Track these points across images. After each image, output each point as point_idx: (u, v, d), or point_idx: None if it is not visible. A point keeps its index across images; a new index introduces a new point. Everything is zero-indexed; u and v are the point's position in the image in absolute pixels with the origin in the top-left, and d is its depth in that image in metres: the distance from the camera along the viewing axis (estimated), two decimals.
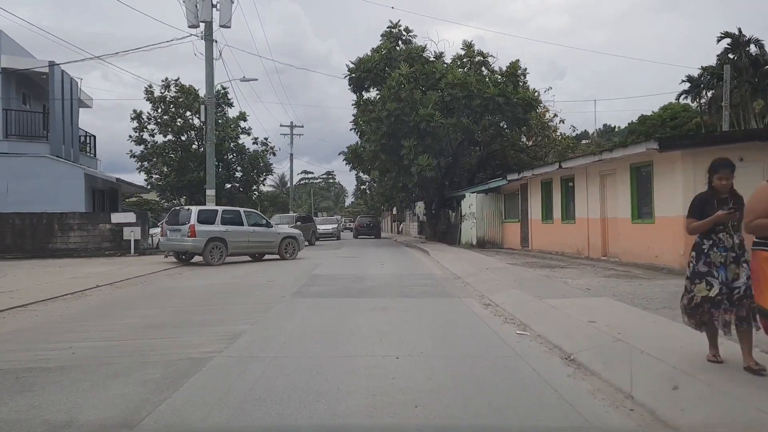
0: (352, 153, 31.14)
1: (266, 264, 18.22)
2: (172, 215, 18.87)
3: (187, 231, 17.31)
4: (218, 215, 18.36)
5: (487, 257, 17.83)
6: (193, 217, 17.61)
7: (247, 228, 18.82)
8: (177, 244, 17.92)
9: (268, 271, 15.89)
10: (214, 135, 24.36)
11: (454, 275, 13.80)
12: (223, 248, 17.88)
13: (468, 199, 24.89)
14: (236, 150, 46.66)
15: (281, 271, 15.41)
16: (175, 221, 18.03)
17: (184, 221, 17.60)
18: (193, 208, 18.49)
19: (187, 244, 17.52)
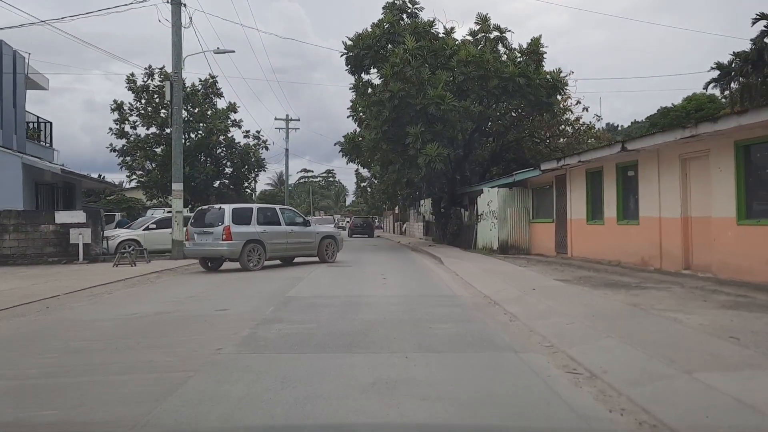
0: (349, 143, 26.88)
1: (236, 277, 14.01)
2: (199, 216, 16.43)
3: (222, 233, 15.12)
4: (254, 214, 16.22)
5: (521, 268, 13.63)
6: (227, 217, 15.40)
7: (285, 228, 16.65)
8: (209, 249, 15.63)
9: (231, 287, 11.73)
10: (181, 117, 20.16)
11: (488, 298, 9.60)
12: (261, 251, 15.76)
13: (486, 195, 20.69)
14: (226, 144, 42.61)
15: (247, 290, 11.23)
16: (204, 223, 15.81)
17: (216, 222, 15.43)
18: (226, 207, 16.09)
19: (222, 248, 15.31)
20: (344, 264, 17.20)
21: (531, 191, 19.23)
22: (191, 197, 41.82)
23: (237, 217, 15.66)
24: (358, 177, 54.89)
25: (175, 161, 19.67)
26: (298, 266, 16.73)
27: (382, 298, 9.80)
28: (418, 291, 10.91)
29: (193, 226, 16.14)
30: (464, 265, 15.23)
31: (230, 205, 16.82)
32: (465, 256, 18.18)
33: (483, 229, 21.20)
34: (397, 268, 16.02)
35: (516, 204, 19.29)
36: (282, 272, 14.99)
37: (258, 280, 13.05)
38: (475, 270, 13.76)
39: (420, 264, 17.50)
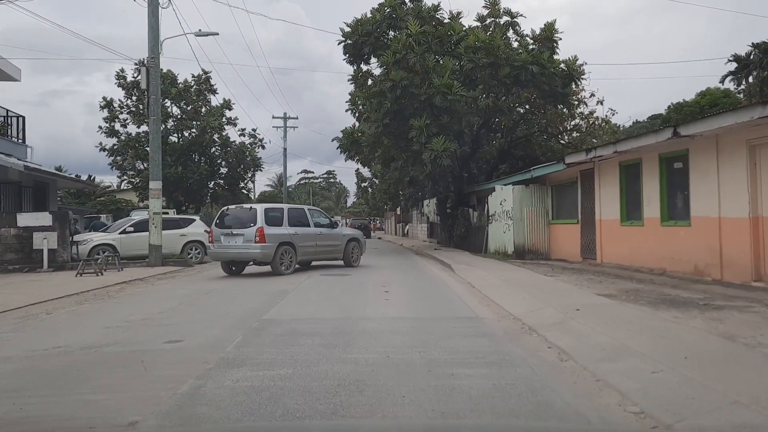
0: (348, 138, 24.66)
1: (213, 288, 11.84)
2: (225, 216, 15.15)
3: (254, 235, 14.09)
4: (285, 214, 15.20)
5: (547, 278, 11.45)
6: (259, 217, 14.38)
7: (314, 229, 15.78)
8: (238, 252, 14.52)
9: (201, 304, 9.58)
10: (159, 108, 18.01)
11: (519, 321, 7.45)
12: (293, 254, 14.79)
13: (499, 194, 18.52)
14: (220, 142, 40.56)
15: (219, 309, 9.06)
16: (231, 224, 14.67)
17: (248, 223, 14.39)
18: (258, 207, 15.12)
19: (254, 251, 14.26)
20: (340, 272, 15.01)
21: (550, 189, 17.05)
22: (185, 198, 39.79)
23: (269, 218, 14.62)
24: (359, 177, 52.82)
25: (152, 157, 17.53)
26: (288, 274, 14.57)
27: (383, 321, 7.62)
28: (429, 310, 8.73)
29: (218, 227, 14.86)
30: (478, 273, 13.06)
31: (261, 204, 15.96)
32: (477, 262, 16.00)
33: (495, 232, 19.03)
34: (400, 276, 13.85)
35: (533, 203, 17.11)
36: (267, 283, 12.82)
37: (237, 294, 10.89)
38: (493, 280, 11.59)
39: (427, 271, 15.32)
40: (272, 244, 14.25)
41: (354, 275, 14.08)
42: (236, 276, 14.84)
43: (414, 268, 16.60)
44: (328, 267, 16.46)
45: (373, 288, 11.31)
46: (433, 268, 16.08)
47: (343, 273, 14.62)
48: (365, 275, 14.05)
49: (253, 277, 14.19)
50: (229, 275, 14.89)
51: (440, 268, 16.13)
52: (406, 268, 16.50)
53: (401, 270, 15.66)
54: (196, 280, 14.07)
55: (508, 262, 16.00)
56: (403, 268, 16.45)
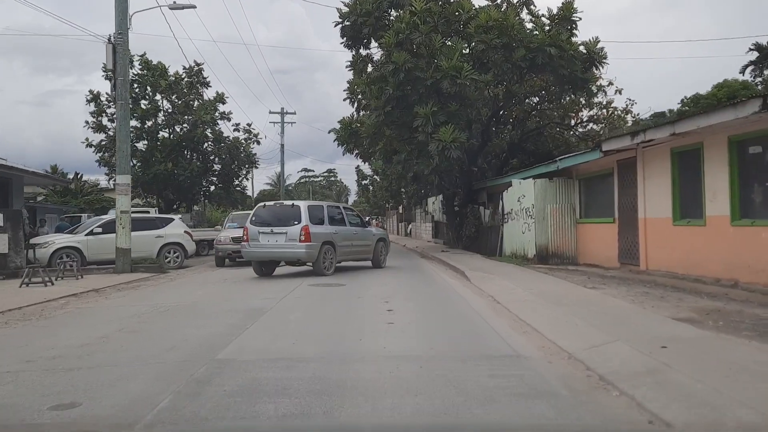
0: (346, 129, 22.31)
1: (171, 306, 9.49)
2: (263, 213, 14.30)
3: (299, 234, 13.32)
4: (325, 212, 14.51)
5: (590, 291, 9.12)
6: (303, 215, 13.64)
7: (350, 228, 15.14)
8: (280, 251, 13.70)
9: (144, 330, 7.24)
10: (128, 92, 15.68)
11: (581, 366, 5.11)
12: (334, 255, 14.09)
13: (517, 189, 16.18)
14: (213, 138, 38.25)
15: (163, 339, 6.65)
16: (271, 221, 13.82)
17: (291, 221, 13.61)
18: (301, 204, 14.28)
19: (299, 251, 13.43)
20: (334, 281, 12.68)
21: (578, 183, 14.69)
22: (176, 196, 37.49)
23: (312, 215, 13.87)
24: (359, 174, 50.50)
25: (119, 147, 15.20)
26: (267, 286, 12.25)
27: (385, 363, 5.27)
28: (449, 342, 6.36)
29: (254, 225, 13.90)
30: (500, 283, 10.73)
31: (303, 201, 15.29)
32: (494, 268, 13.66)
33: (512, 232, 16.69)
34: (406, 286, 11.50)
35: (558, 199, 14.77)
36: (245, 296, 10.51)
37: (201, 313, 8.57)
38: (520, 293, 9.27)
39: (436, 279, 12.95)
40: (317, 243, 13.50)
41: (351, 284, 11.75)
42: (213, 284, 12.54)
43: (421, 274, 14.26)
44: (323, 281, 14.17)
45: (373, 304, 8.97)
46: (443, 275, 13.73)
47: (338, 282, 12.29)
48: (363, 284, 11.72)
49: (233, 286, 11.89)
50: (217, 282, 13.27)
51: (451, 274, 13.79)
52: (411, 274, 14.15)
53: (406, 277, 13.32)
54: (162, 291, 11.75)
55: (529, 267, 13.67)
56: (409, 274, 14.11)
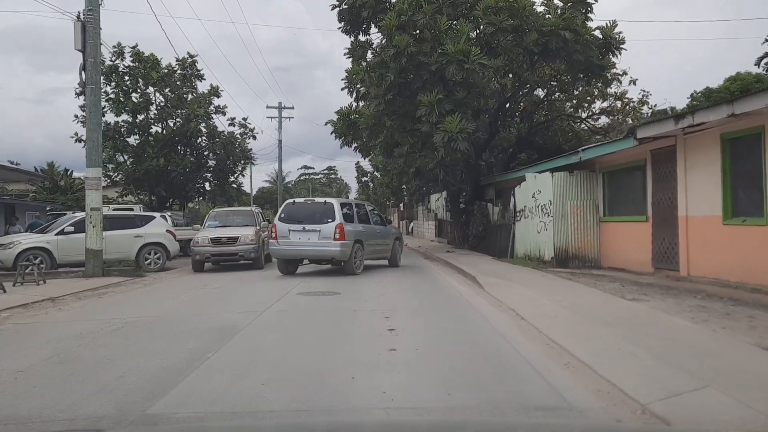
0: (343, 120, 20.65)
1: (127, 318, 7.84)
2: (293, 210, 13.99)
3: (333, 232, 13.01)
4: (354, 210, 14.42)
5: (636, 305, 7.49)
6: (337, 213, 13.37)
7: (374, 227, 15.02)
8: (314, 250, 13.37)
9: (74, 361, 5.56)
10: (99, 75, 14.04)
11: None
12: (362, 253, 13.84)
13: (532, 184, 14.56)
14: (207, 132, 36.63)
15: (85, 378, 4.92)
16: (302, 219, 13.46)
17: (324, 219, 13.28)
18: (333, 201, 14.19)
19: (333, 249, 13.09)
20: (328, 289, 11.06)
21: (602, 176, 13.04)
22: (168, 193, 35.88)
23: (344, 213, 13.59)
24: (359, 171, 48.93)
25: (90, 137, 13.58)
26: (250, 293, 10.65)
27: (386, 425, 3.66)
28: (470, 383, 4.69)
29: (284, 222, 13.53)
30: (520, 292, 9.12)
31: (335, 199, 15.17)
32: (509, 272, 12.04)
33: (525, 231, 15.07)
34: (411, 296, 9.84)
35: (580, 195, 13.14)
36: (220, 308, 8.89)
37: (156, 335, 6.93)
38: (547, 306, 7.66)
39: (445, 287, 11.27)
40: (350, 241, 13.15)
41: (346, 293, 10.12)
42: (190, 291, 10.94)
43: (426, 279, 12.61)
44: (312, 276, 12.57)
45: (371, 321, 7.35)
46: (452, 280, 12.09)
47: (331, 290, 10.65)
48: (361, 293, 10.09)
49: (212, 294, 10.28)
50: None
51: (461, 279, 12.16)
52: (416, 280, 12.51)
53: (410, 284, 11.67)
54: (129, 300, 10.14)
55: (548, 272, 12.05)
56: (413, 280, 12.47)
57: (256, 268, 15.51)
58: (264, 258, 16.58)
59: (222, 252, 15.14)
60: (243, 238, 15.26)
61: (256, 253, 15.44)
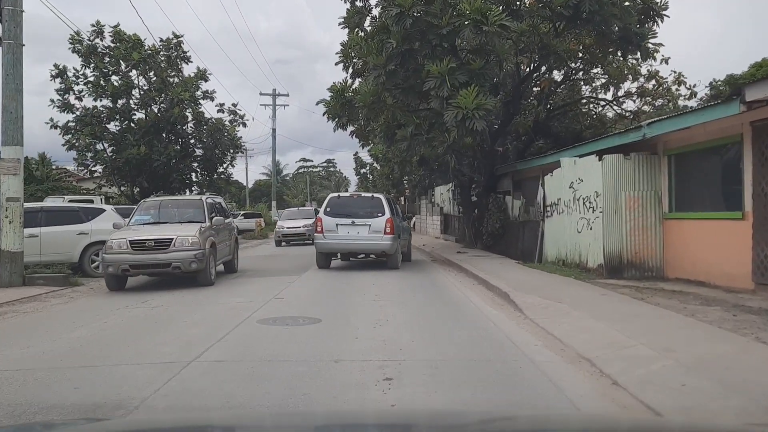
0: (337, 98, 17.36)
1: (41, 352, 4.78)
2: (338, 204, 13.49)
3: (384, 226, 12.68)
4: (393, 204, 14.19)
5: None
6: (386, 206, 13.14)
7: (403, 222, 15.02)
8: (363, 244, 12.90)
9: None
10: (20, 29, 10.79)
11: None
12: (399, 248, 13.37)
13: (569, 171, 11.46)
14: (194, 119, 33.44)
15: None
16: (350, 213, 12.97)
17: (373, 213, 12.93)
18: (380, 195, 13.83)
19: (384, 244, 12.71)
20: (304, 313, 7.94)
21: (668, 160, 9.90)
22: (149, 183, 32.72)
23: (391, 207, 13.63)
24: (357, 162, 45.72)
25: (6, 107, 10.39)
26: (209, 310, 7.55)
27: None
28: None
29: (330, 216, 13.22)
30: (585, 324, 6.04)
31: (380, 193, 15.00)
32: (550, 286, 8.94)
33: (559, 230, 11.98)
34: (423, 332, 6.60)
35: (638, 184, 10.01)
36: (135, 351, 5.78)
37: (28, 388, 3.88)
38: (652, 357, 4.58)
39: (469, 310, 7.95)
40: (396, 235, 13.08)
41: (328, 320, 6.99)
42: (113, 313, 7.85)
43: (440, 296, 9.43)
44: (287, 288, 9.48)
45: (361, 382, 4.31)
46: (474, 296, 8.95)
47: (308, 312, 7.51)
48: (349, 321, 6.96)
49: (140, 321, 7.19)
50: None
51: (486, 295, 9.03)
52: (426, 296, 9.35)
53: (419, 304, 8.51)
54: (18, 328, 7.06)
55: (601, 285, 8.97)
56: (422, 297, 9.29)
57: (203, 284, 10.44)
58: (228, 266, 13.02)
59: (146, 262, 10.08)
60: (180, 241, 10.10)
61: (199, 263, 10.13)
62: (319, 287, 10.16)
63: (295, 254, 18.12)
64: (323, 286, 10.32)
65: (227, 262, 12.87)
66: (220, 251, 11.70)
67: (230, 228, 13.44)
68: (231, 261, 13.06)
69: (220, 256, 11.77)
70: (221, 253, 11.92)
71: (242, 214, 39.90)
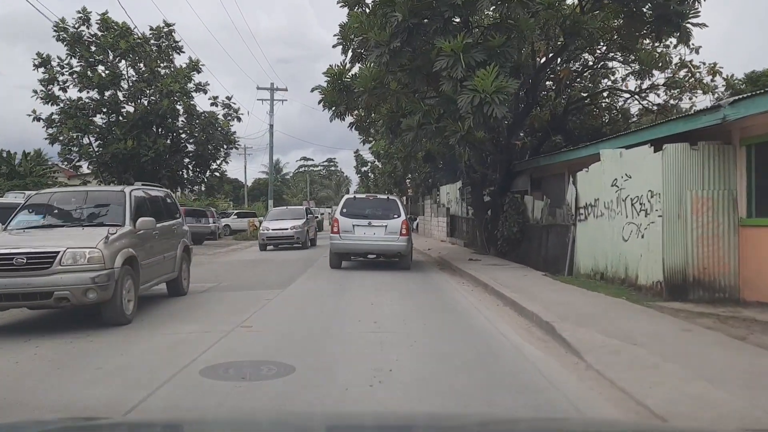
0: (334, 83, 15.17)
1: None
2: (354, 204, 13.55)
3: (400, 228, 12.85)
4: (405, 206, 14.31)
5: None
6: (401, 208, 13.43)
7: None
8: (379, 245, 12.92)
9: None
10: None
11: None
12: None
13: (612, 165, 9.30)
14: (185, 112, 31.32)
15: None
16: (367, 214, 13.10)
17: (389, 214, 13.07)
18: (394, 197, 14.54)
19: (400, 245, 12.87)
20: (266, 349, 5.74)
21: (749, 151, 7.76)
22: (137, 180, 30.61)
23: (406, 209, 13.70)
24: (358, 160, 43.58)
25: None
26: (143, 350, 5.40)
27: None
28: None
29: (347, 217, 13.07)
30: (703, 394, 3.91)
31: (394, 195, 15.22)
32: (604, 312, 6.78)
33: (598, 236, 9.82)
34: (446, 401, 4.52)
35: (706, 182, 7.86)
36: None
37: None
38: None
39: (504, 354, 5.57)
40: (411, 236, 13.40)
41: (303, 371, 4.85)
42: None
43: (458, 324, 7.12)
44: (257, 312, 7.34)
45: None
46: (506, 327, 6.71)
47: (276, 355, 5.37)
48: (334, 376, 4.83)
49: (44, 362, 5.07)
50: None
51: (520, 324, 6.84)
52: (440, 326, 7.06)
53: (431, 337, 6.29)
54: None
55: (668, 312, 6.82)
56: (434, 326, 7.02)
57: (111, 321, 6.83)
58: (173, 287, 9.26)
59: (13, 290, 6.43)
60: (71, 256, 6.55)
61: (101, 290, 6.57)
62: (302, 308, 8.02)
63: (282, 260, 15.91)
64: (309, 306, 8.18)
65: (171, 282, 9.10)
66: (152, 269, 8.11)
67: (176, 233, 9.40)
68: (176, 280, 9.18)
69: (152, 275, 8.15)
70: (155, 271, 8.28)
71: (235, 214, 37.80)
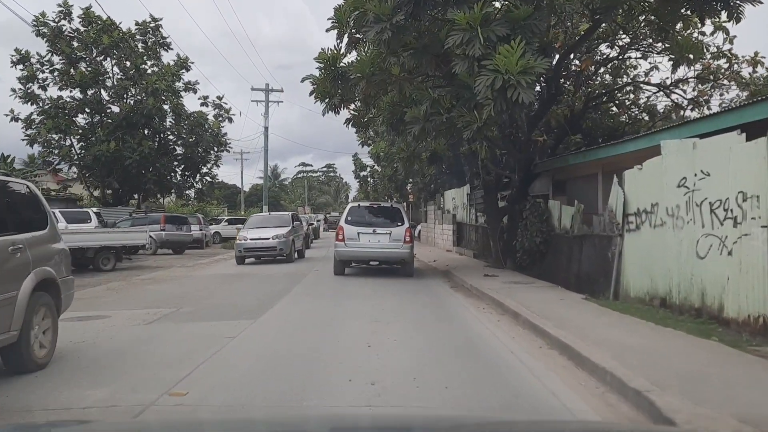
0: (327, 69, 13.00)
1: None
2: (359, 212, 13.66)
3: (403, 236, 13.05)
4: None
5: None
6: (405, 216, 13.60)
7: None
8: (383, 252, 13.06)
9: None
10: None
11: None
12: None
13: (678, 161, 7.14)
14: (172, 112, 29.20)
15: None
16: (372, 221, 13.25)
17: (393, 222, 13.23)
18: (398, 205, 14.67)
19: (403, 252, 13.06)
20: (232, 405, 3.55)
21: None
22: (121, 184, 28.46)
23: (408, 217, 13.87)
24: (357, 165, 41.39)
25: None
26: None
27: None
28: None
29: (351, 225, 13.15)
30: None
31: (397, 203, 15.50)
32: (706, 367, 4.59)
33: (657, 251, 7.64)
34: None
35: None
36: None
37: None
38: None
39: None
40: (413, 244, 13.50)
41: None
42: None
43: (493, 383, 4.93)
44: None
45: None
46: (563, 388, 4.42)
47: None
48: None
49: None
50: None
51: (586, 385, 4.54)
52: (463, 383, 4.92)
53: (455, 408, 4.23)
54: None
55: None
56: (457, 385, 4.85)
57: None
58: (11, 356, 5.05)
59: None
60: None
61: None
62: (272, 354, 5.76)
63: (266, 275, 13.58)
64: (282, 349, 5.94)
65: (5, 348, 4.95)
66: None
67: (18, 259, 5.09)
68: (16, 345, 4.98)
69: None
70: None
71: (226, 220, 35.56)
